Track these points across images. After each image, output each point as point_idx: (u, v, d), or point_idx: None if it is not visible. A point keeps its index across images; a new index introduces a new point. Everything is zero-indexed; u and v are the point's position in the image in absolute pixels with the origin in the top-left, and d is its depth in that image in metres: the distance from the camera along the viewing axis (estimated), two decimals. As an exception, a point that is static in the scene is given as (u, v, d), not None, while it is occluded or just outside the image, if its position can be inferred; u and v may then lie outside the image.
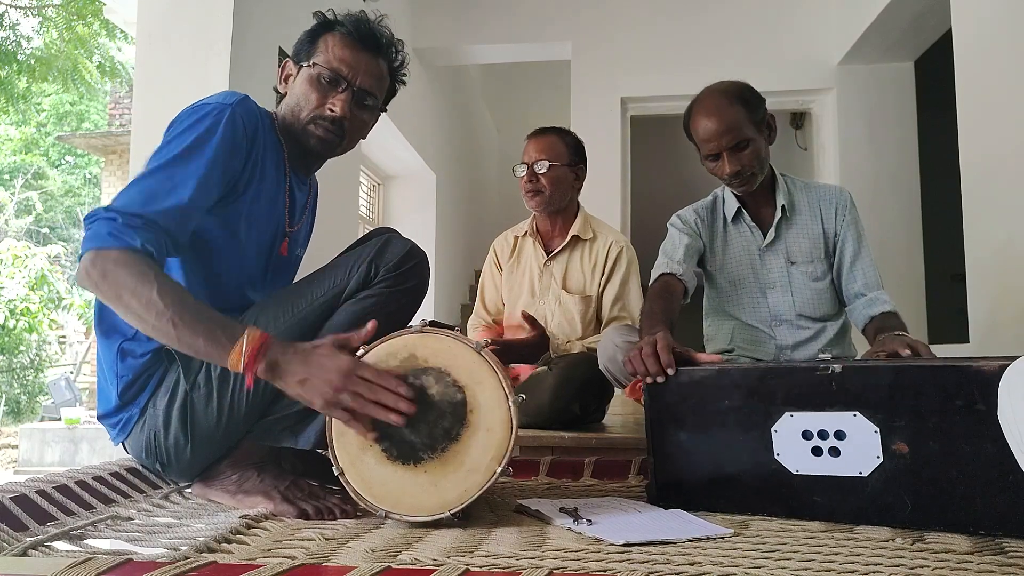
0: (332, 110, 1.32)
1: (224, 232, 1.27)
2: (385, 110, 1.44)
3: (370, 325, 1.12)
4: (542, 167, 2.20)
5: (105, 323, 1.27)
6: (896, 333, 1.47)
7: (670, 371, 1.26)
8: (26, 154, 15.27)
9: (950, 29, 2.77)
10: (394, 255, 1.27)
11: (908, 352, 1.37)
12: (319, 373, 1.07)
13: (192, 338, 1.07)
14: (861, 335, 1.78)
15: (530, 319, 2.15)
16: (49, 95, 13.77)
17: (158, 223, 1.12)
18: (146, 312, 1.07)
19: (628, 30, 4.54)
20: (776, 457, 1.17)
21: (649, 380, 1.28)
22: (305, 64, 1.33)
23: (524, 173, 2.22)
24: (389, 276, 1.26)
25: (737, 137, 1.67)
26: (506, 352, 2.08)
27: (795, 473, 1.16)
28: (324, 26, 1.35)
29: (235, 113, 1.23)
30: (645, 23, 4.54)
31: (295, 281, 1.39)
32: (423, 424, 1.11)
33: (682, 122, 1.78)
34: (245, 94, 1.29)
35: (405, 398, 1.09)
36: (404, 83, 1.46)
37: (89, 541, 1.01)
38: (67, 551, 0.96)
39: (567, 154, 2.26)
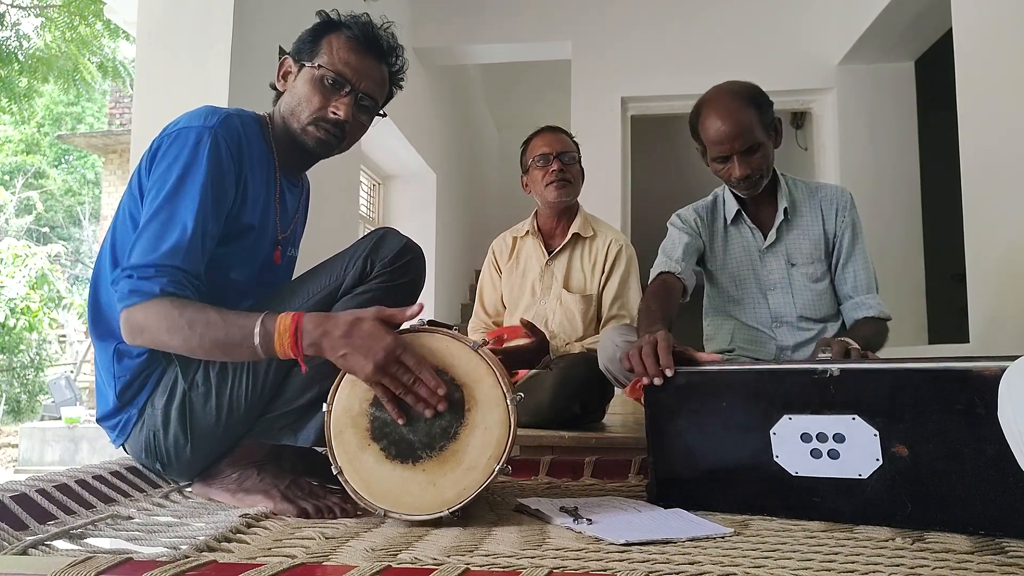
0: (335, 113, 1.31)
1: (221, 258, 1.27)
2: (384, 114, 1.44)
3: (416, 307, 1.14)
4: (569, 158, 2.24)
5: (100, 326, 1.26)
6: (841, 339, 1.42)
7: (668, 372, 1.25)
8: (27, 155, 15.26)
9: (950, 29, 2.77)
10: (390, 250, 1.27)
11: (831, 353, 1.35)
12: (360, 348, 1.08)
13: (239, 353, 1.13)
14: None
15: (529, 325, 2.15)
16: (42, 95, 13.74)
17: (168, 264, 1.14)
18: (188, 348, 1.13)
19: (628, 30, 4.54)
20: (775, 459, 1.17)
21: (646, 381, 1.28)
22: (308, 64, 1.32)
23: (549, 164, 2.23)
24: (385, 271, 1.26)
25: (749, 141, 1.66)
26: (506, 359, 2.07)
27: (794, 475, 1.16)
28: (327, 26, 1.34)
29: (217, 137, 1.22)
30: (645, 23, 4.54)
31: (292, 279, 1.39)
32: (421, 423, 1.11)
33: (688, 120, 1.75)
34: (226, 111, 1.27)
35: (443, 398, 1.10)
36: (401, 87, 1.46)
37: (89, 540, 1.01)
38: (67, 550, 0.96)
39: (578, 152, 2.31)
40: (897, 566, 0.89)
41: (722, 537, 1.04)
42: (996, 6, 2.44)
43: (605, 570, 0.86)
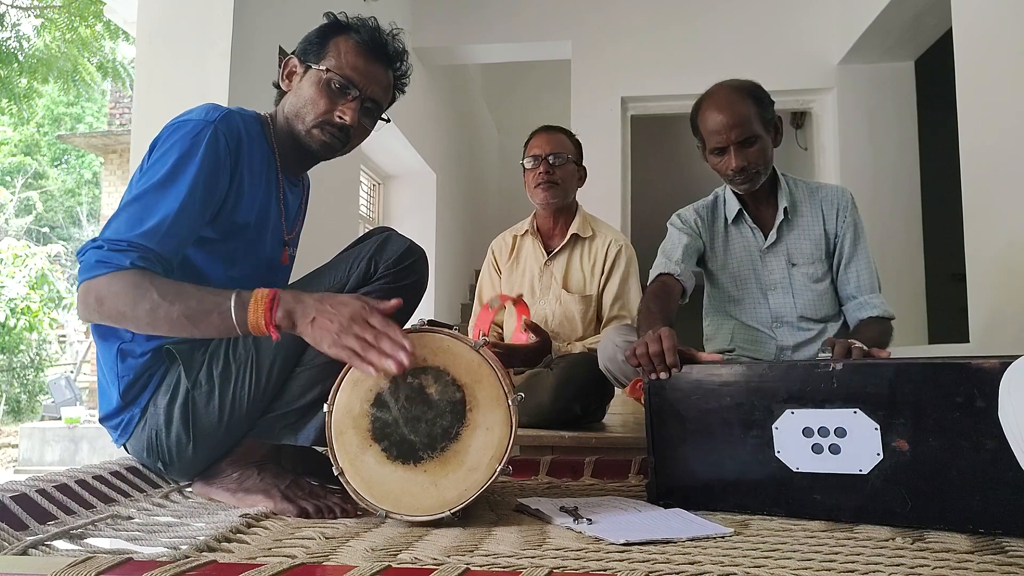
0: (341, 118, 1.31)
1: (219, 254, 1.27)
2: (387, 119, 1.44)
3: (394, 301, 1.12)
4: (559, 159, 2.22)
5: (102, 327, 1.26)
6: (848, 341, 1.44)
7: (675, 370, 1.26)
8: (26, 156, 15.26)
9: (950, 29, 2.77)
10: (393, 252, 1.27)
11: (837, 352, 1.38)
12: (329, 312, 1.07)
13: (208, 323, 1.09)
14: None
15: (534, 327, 2.15)
16: (42, 96, 13.74)
17: (143, 244, 1.13)
18: (155, 318, 1.09)
19: (628, 30, 4.54)
20: (777, 455, 1.17)
21: (653, 376, 1.28)
22: (314, 66, 1.32)
23: (538, 165, 2.23)
24: (389, 273, 1.26)
25: (746, 132, 1.66)
26: (508, 357, 2.07)
27: (795, 471, 1.16)
28: (335, 28, 1.34)
29: (216, 131, 1.21)
30: (645, 23, 4.54)
31: (292, 280, 1.39)
32: (422, 423, 1.11)
33: (689, 116, 1.77)
34: (228, 109, 1.27)
35: (406, 351, 1.07)
36: (404, 92, 1.46)
37: (89, 540, 1.01)
38: (67, 550, 0.96)
39: (575, 152, 2.30)
40: (897, 566, 0.89)
41: (722, 537, 1.04)
42: (996, 6, 2.44)
43: (605, 570, 0.86)
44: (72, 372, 8.15)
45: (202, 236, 1.24)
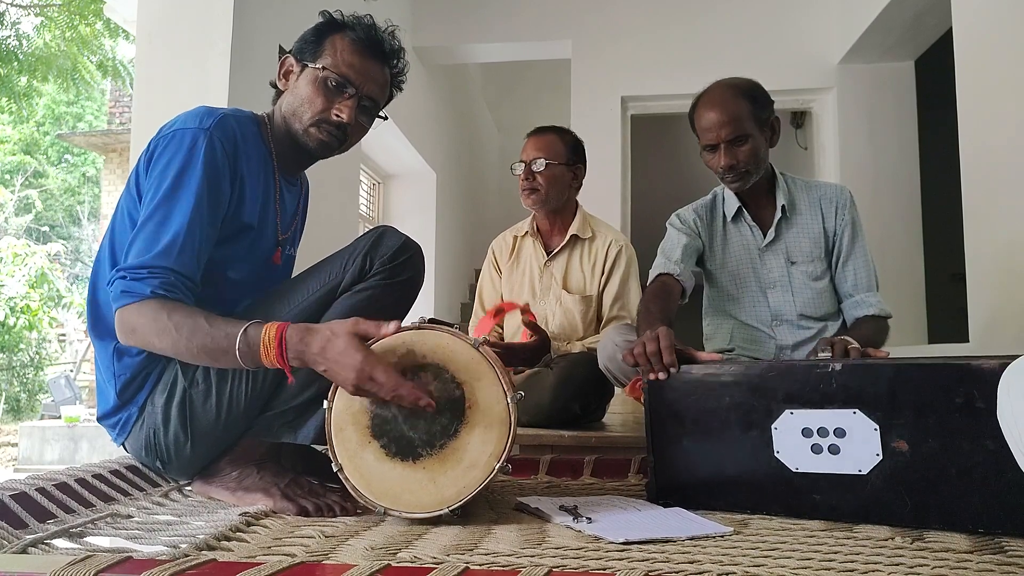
0: (338, 115, 1.31)
1: (220, 257, 1.27)
2: (385, 117, 1.43)
3: (392, 326, 1.11)
4: (539, 165, 2.21)
5: (99, 326, 1.26)
6: (841, 337, 1.46)
7: (673, 370, 1.27)
8: (25, 155, 15.26)
9: (950, 28, 2.77)
10: (389, 248, 1.27)
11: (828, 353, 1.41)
12: (336, 368, 1.08)
13: (225, 358, 1.11)
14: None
15: (533, 326, 2.15)
16: (43, 95, 13.74)
17: (161, 265, 1.14)
18: (175, 351, 1.13)
19: (628, 29, 4.54)
20: (776, 455, 1.17)
21: (652, 376, 1.28)
22: (311, 64, 1.32)
23: (521, 171, 2.23)
24: (384, 269, 1.26)
25: (737, 131, 1.67)
26: (507, 356, 2.07)
27: (795, 471, 1.16)
28: (331, 27, 1.34)
29: (212, 138, 1.21)
30: (645, 22, 4.53)
31: (291, 277, 1.39)
32: (421, 420, 1.11)
33: (688, 113, 1.78)
34: (222, 112, 1.27)
35: (423, 395, 1.09)
36: (402, 90, 1.46)
37: (89, 539, 1.01)
38: (67, 549, 0.96)
39: (565, 153, 2.26)
40: (896, 565, 0.89)
41: (721, 536, 1.04)
42: (996, 6, 2.44)
43: (604, 569, 0.86)
44: (72, 371, 8.14)
45: None
